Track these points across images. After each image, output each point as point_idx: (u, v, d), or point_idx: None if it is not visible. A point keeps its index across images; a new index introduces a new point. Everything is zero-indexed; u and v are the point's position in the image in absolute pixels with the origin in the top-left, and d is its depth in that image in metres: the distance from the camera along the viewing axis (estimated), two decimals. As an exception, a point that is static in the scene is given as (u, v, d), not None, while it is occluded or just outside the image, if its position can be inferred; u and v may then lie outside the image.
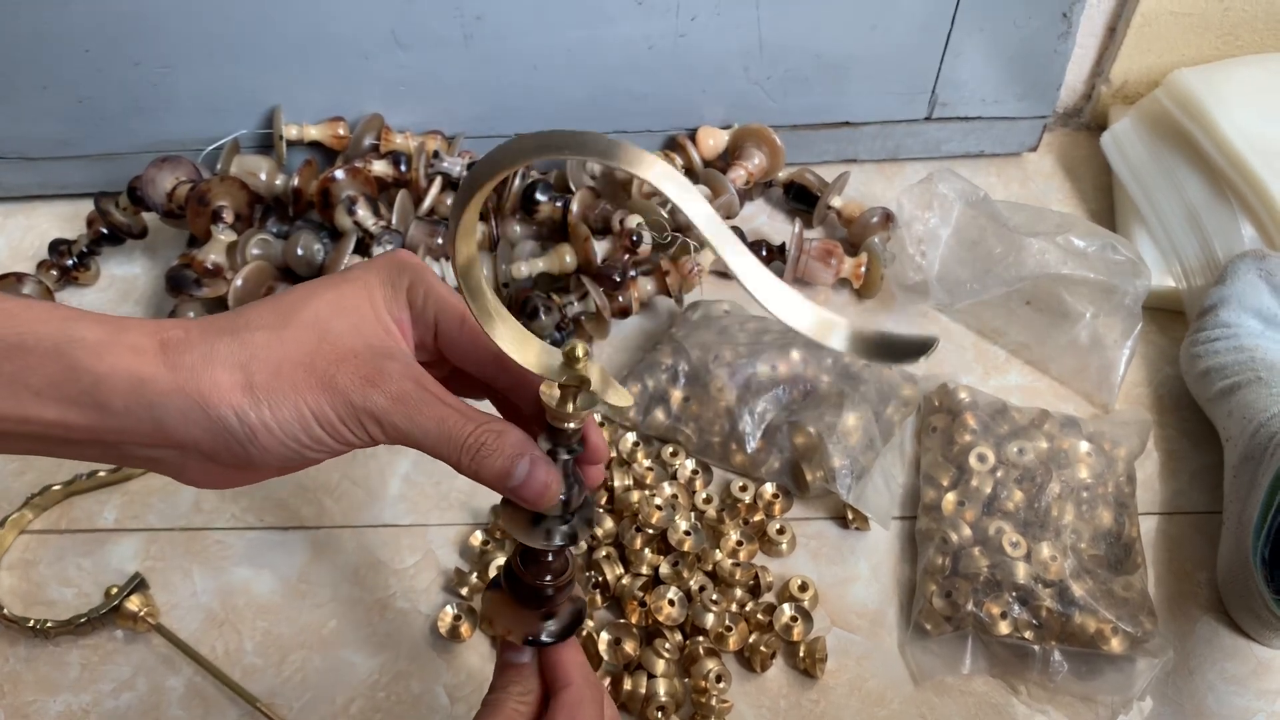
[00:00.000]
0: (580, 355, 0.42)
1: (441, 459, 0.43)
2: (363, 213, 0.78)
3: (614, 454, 0.75)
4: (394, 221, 0.81)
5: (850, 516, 0.73)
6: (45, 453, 0.41)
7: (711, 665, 0.65)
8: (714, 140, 0.90)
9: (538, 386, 0.43)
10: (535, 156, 0.35)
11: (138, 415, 0.39)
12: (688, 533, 0.70)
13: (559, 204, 0.82)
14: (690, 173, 0.89)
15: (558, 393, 0.43)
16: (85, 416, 0.39)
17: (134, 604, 0.66)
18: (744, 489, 0.74)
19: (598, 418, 0.77)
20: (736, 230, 0.85)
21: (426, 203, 0.83)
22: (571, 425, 0.43)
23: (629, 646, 0.66)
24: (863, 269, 0.85)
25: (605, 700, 0.48)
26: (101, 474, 0.73)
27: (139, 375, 0.39)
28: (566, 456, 0.44)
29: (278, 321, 0.41)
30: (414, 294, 0.44)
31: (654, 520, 0.70)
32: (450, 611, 0.68)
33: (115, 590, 0.67)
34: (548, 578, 0.47)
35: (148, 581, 0.68)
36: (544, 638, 0.46)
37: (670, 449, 0.76)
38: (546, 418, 0.44)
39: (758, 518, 0.73)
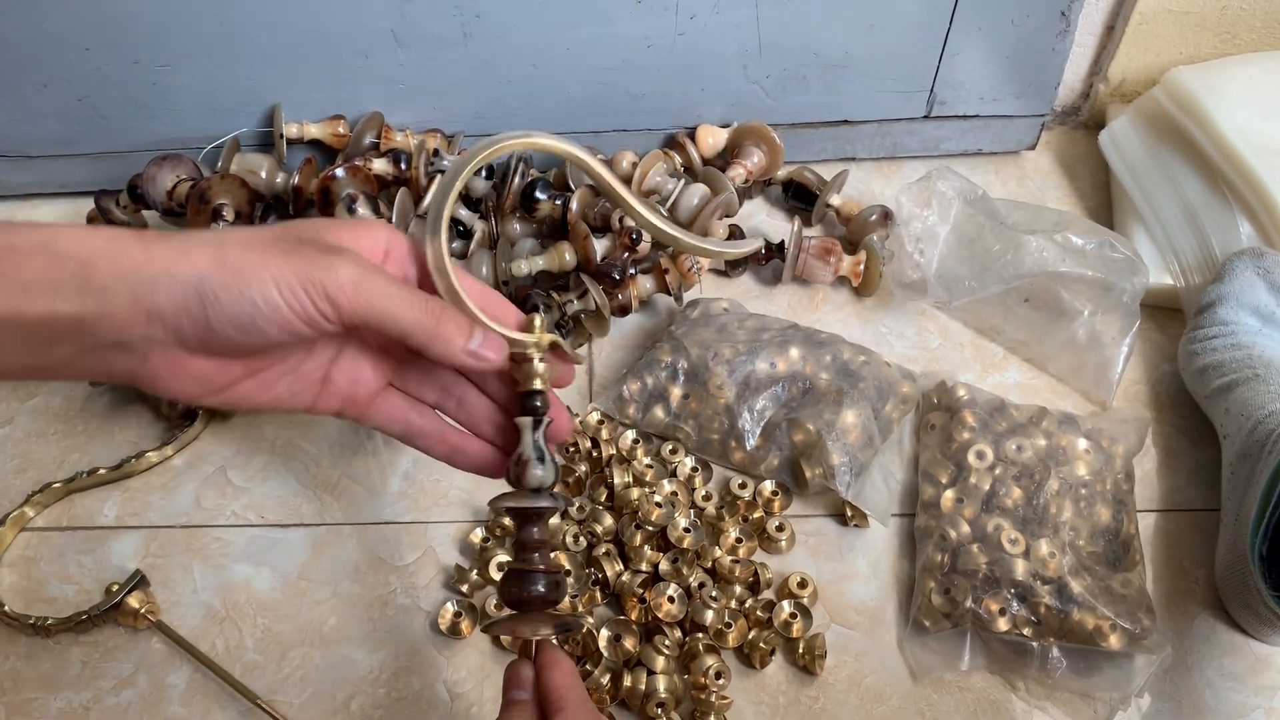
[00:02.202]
0: (538, 324, 0.50)
1: (399, 331, 0.47)
2: (363, 210, 0.78)
3: (613, 451, 0.75)
4: (394, 219, 0.81)
5: (849, 513, 0.73)
6: (28, 364, 0.44)
7: (711, 662, 0.65)
8: (713, 139, 0.90)
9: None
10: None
11: (114, 291, 0.42)
12: (687, 530, 0.70)
13: (558, 202, 0.83)
14: (690, 171, 0.89)
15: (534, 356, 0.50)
16: (70, 302, 0.42)
17: (135, 601, 0.67)
18: (743, 486, 0.74)
19: (596, 415, 0.77)
20: (736, 229, 0.85)
21: (426, 201, 0.83)
22: (537, 385, 0.50)
23: (629, 643, 0.66)
24: (861, 267, 0.85)
25: (592, 710, 0.49)
26: (102, 471, 0.74)
27: (118, 250, 0.43)
28: (537, 430, 0.50)
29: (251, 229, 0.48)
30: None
31: (653, 517, 0.70)
32: (450, 608, 0.68)
33: (116, 587, 0.67)
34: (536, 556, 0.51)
35: (148, 579, 0.68)
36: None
37: (670, 446, 0.76)
38: (520, 385, 0.51)
39: (757, 515, 0.73)
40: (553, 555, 0.54)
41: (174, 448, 0.75)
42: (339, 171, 0.79)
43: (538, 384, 0.51)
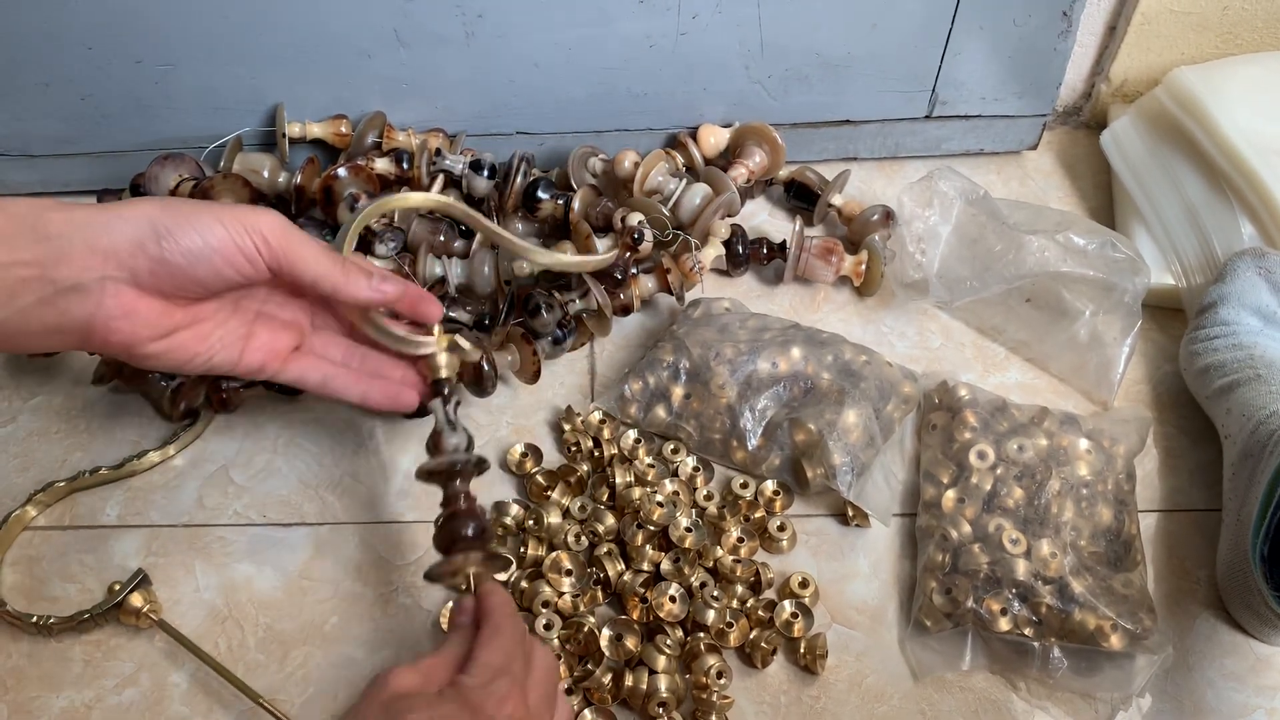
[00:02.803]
0: (437, 332, 0.65)
1: (314, 275, 0.57)
2: (365, 210, 0.78)
3: (615, 451, 0.75)
4: (396, 219, 0.81)
5: (850, 513, 0.73)
6: None
7: (712, 661, 0.65)
8: (715, 138, 0.90)
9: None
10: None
11: (68, 237, 0.50)
12: (689, 529, 0.70)
13: (560, 202, 0.83)
14: (692, 171, 0.89)
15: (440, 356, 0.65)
16: (28, 251, 0.49)
17: (137, 600, 0.67)
18: (745, 486, 0.74)
19: (598, 415, 0.77)
20: (737, 229, 0.85)
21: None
22: (444, 374, 0.65)
23: (630, 642, 0.66)
24: (863, 267, 0.85)
25: (524, 634, 0.55)
26: (104, 470, 0.74)
27: (67, 207, 0.51)
28: (446, 405, 0.64)
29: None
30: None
31: (655, 517, 0.70)
32: (452, 607, 0.68)
33: (118, 586, 0.67)
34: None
35: (150, 578, 0.68)
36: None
37: (671, 446, 0.76)
38: (429, 375, 0.65)
39: (758, 514, 0.73)
40: (477, 508, 0.62)
41: (176, 447, 0.75)
42: (341, 171, 0.79)
43: (444, 373, 0.65)
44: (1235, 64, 0.90)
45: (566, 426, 0.77)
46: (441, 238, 0.81)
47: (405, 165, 0.84)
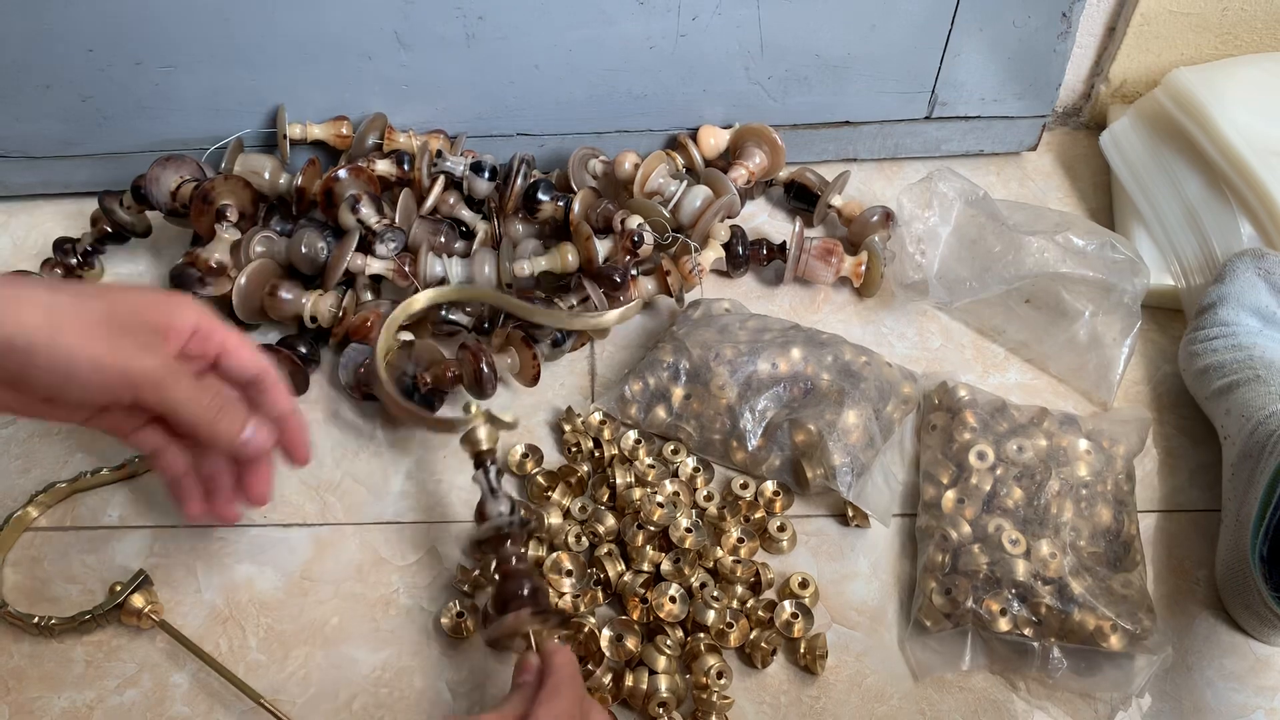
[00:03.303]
0: (474, 409, 0.67)
1: (188, 419, 0.55)
2: (366, 211, 0.79)
3: (615, 451, 0.76)
4: (397, 220, 0.81)
5: (850, 514, 0.73)
6: None
7: (713, 661, 0.65)
8: (715, 139, 0.90)
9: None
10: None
11: None
12: (689, 530, 0.70)
13: (561, 203, 0.83)
14: (692, 172, 0.89)
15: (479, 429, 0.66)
16: None
17: (138, 600, 0.67)
18: (745, 486, 0.74)
19: (598, 416, 0.77)
20: (737, 230, 0.85)
21: (429, 202, 0.83)
22: (484, 446, 0.66)
23: (631, 643, 0.66)
24: (863, 267, 0.85)
25: (583, 696, 0.56)
26: (105, 472, 0.74)
27: None
28: (488, 475, 0.66)
29: (87, 288, 0.53)
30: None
31: (655, 517, 0.71)
32: (453, 608, 0.68)
33: (119, 587, 0.67)
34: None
35: (152, 578, 0.68)
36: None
37: (671, 447, 0.76)
38: (470, 448, 0.67)
39: (758, 515, 0.73)
40: (529, 568, 0.64)
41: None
42: (342, 172, 0.79)
43: (484, 445, 0.66)
44: (1234, 65, 0.90)
45: (567, 427, 0.77)
46: (442, 238, 0.81)
47: (406, 167, 0.84)
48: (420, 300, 0.76)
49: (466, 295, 0.77)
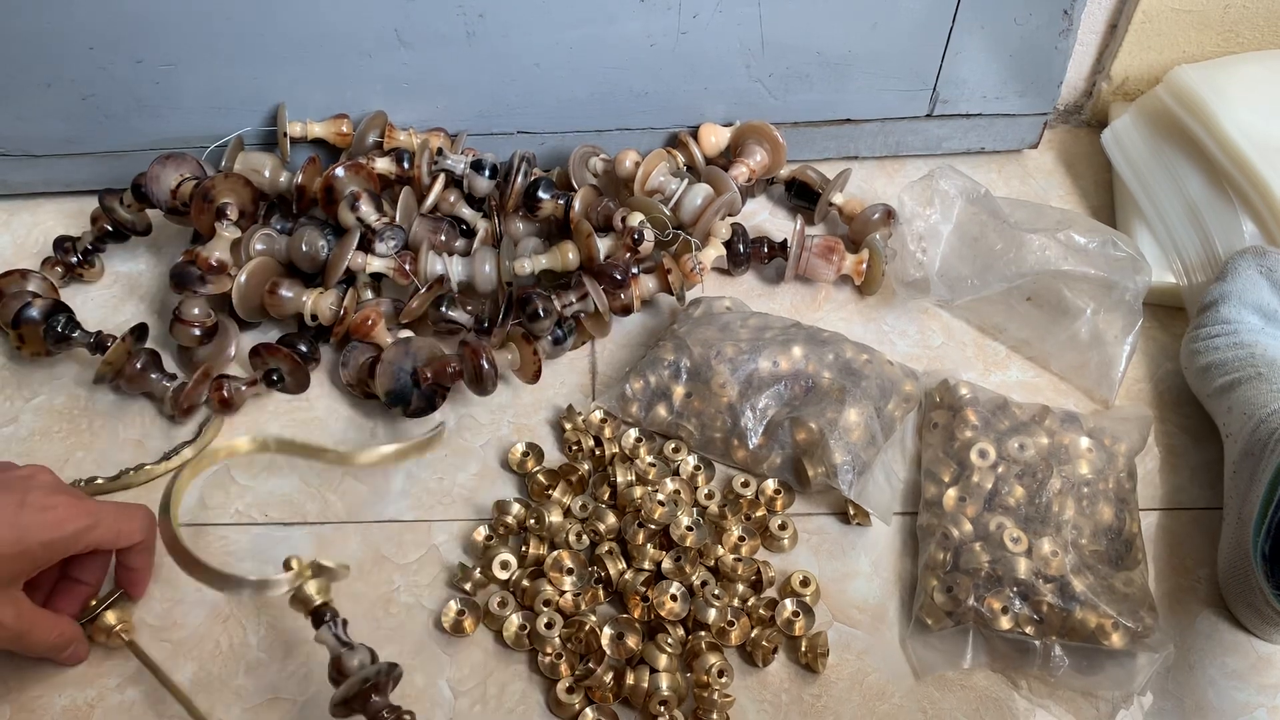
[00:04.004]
0: (295, 566, 0.60)
1: (30, 653, 0.62)
2: (366, 209, 0.79)
3: (616, 450, 0.75)
4: (397, 218, 0.81)
5: (852, 512, 0.73)
6: None
7: (713, 660, 0.65)
8: (716, 137, 0.90)
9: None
10: None
11: None
12: (690, 528, 0.70)
13: (561, 201, 0.83)
14: (693, 170, 0.89)
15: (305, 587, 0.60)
16: None
17: (110, 618, 0.66)
18: (746, 485, 0.74)
19: (599, 414, 0.77)
20: (738, 228, 0.85)
21: (429, 200, 0.83)
22: (317, 601, 0.60)
23: (631, 641, 0.66)
24: (864, 266, 0.85)
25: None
26: (100, 481, 0.74)
27: None
28: (333, 629, 0.60)
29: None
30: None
31: (656, 516, 0.70)
32: (454, 606, 0.68)
33: (94, 604, 0.66)
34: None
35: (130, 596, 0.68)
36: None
37: (672, 445, 0.76)
38: (305, 611, 0.61)
39: (759, 513, 0.73)
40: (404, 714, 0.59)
41: (193, 449, 0.76)
42: (341, 170, 0.79)
43: (317, 600, 0.60)
44: (1236, 62, 0.90)
45: (568, 425, 0.77)
46: (443, 236, 0.81)
47: (406, 165, 0.84)
48: (226, 451, 0.72)
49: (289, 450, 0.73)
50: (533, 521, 0.71)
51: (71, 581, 0.65)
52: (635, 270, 0.80)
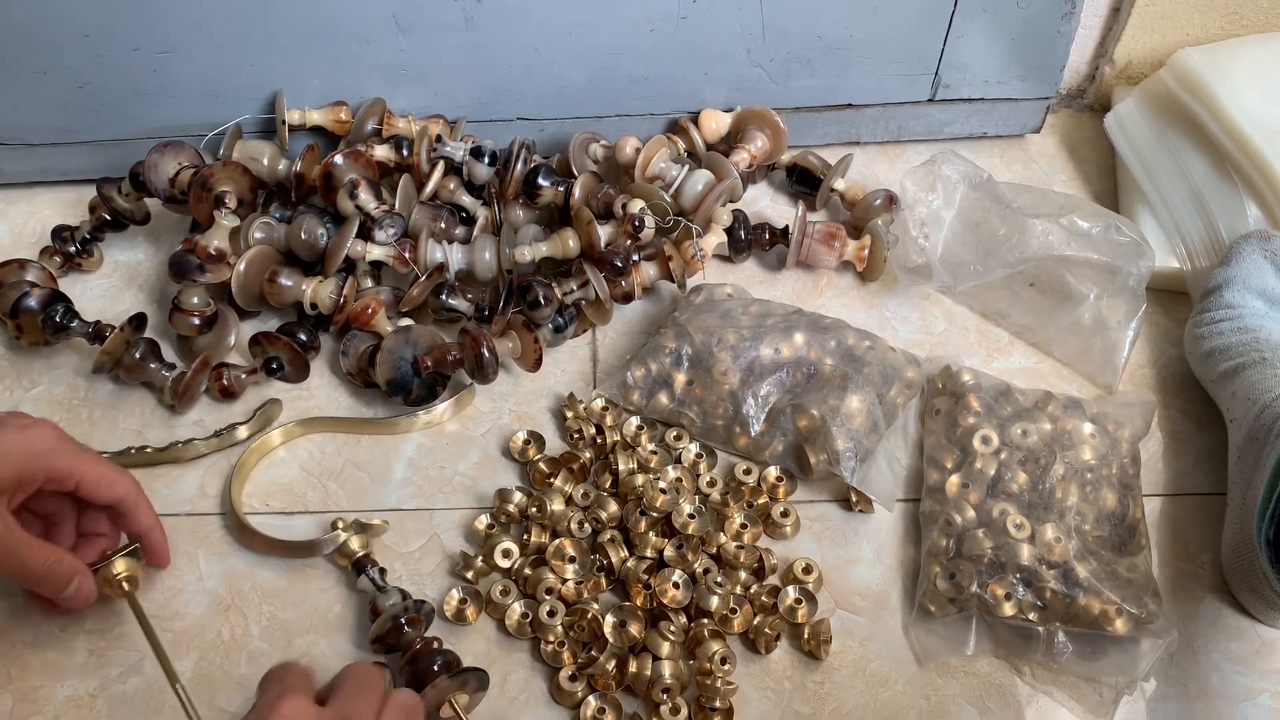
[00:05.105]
0: (340, 525, 0.69)
1: (27, 579, 0.60)
2: (365, 197, 0.78)
3: (618, 438, 0.75)
4: (396, 206, 0.81)
5: (854, 499, 0.73)
6: None
7: (716, 647, 0.65)
8: (716, 123, 0.89)
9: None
10: None
11: None
12: (692, 516, 0.70)
13: (561, 188, 0.82)
14: (693, 156, 0.89)
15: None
16: None
17: (120, 566, 0.64)
18: (748, 472, 0.74)
19: (600, 402, 0.77)
20: (739, 214, 0.84)
21: (429, 187, 0.83)
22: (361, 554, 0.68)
23: (634, 629, 0.66)
24: (866, 251, 0.85)
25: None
26: (149, 450, 0.74)
27: None
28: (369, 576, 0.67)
29: None
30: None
31: (658, 504, 0.70)
32: (456, 595, 0.68)
33: (109, 551, 0.65)
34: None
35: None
36: None
37: (674, 433, 0.76)
38: (348, 563, 0.69)
39: (761, 500, 0.73)
40: (435, 645, 0.65)
41: (248, 428, 0.76)
42: (340, 158, 0.79)
43: (359, 554, 0.68)
44: (1240, 45, 0.89)
45: (569, 413, 0.77)
46: (442, 224, 0.81)
47: (405, 152, 0.84)
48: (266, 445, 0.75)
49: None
50: (534, 510, 0.71)
51: (90, 536, 0.66)
52: (636, 257, 0.80)
